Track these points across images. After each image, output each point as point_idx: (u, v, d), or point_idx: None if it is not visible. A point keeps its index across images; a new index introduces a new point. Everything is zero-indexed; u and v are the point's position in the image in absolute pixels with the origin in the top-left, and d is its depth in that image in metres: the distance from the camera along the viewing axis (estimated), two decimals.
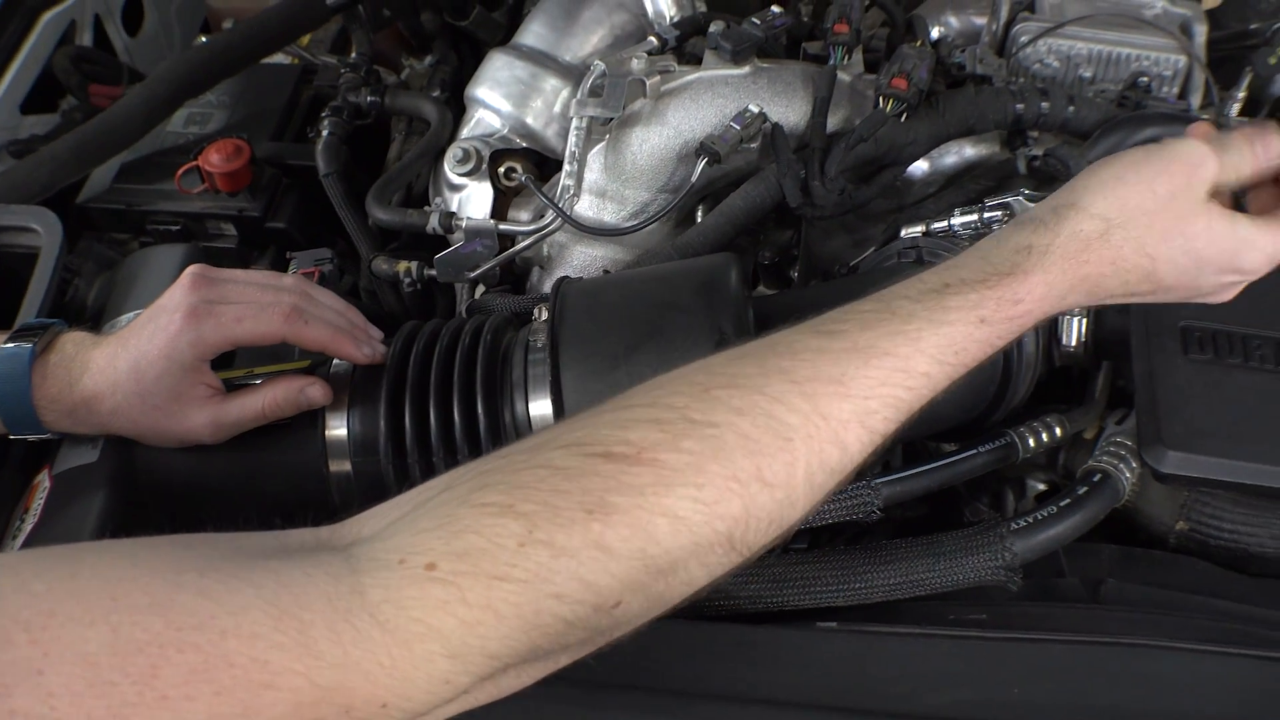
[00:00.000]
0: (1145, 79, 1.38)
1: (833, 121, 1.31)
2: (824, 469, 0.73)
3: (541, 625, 0.65)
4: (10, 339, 1.02)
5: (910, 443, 1.28)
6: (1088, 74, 1.40)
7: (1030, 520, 0.97)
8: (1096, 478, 1.01)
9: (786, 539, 0.76)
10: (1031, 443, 1.05)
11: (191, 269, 1.05)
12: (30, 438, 1.05)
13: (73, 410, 1.02)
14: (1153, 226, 0.85)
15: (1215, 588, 1.05)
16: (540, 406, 1.03)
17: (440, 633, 0.62)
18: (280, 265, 1.47)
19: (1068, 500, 0.99)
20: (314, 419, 1.09)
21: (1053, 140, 1.33)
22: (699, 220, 1.34)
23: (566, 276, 1.14)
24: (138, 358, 1.00)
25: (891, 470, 1.05)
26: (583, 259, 1.35)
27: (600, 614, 0.67)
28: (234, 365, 1.15)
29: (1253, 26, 1.60)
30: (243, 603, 0.60)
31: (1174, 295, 0.90)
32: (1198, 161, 0.87)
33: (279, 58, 1.72)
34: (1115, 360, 1.11)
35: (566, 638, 0.67)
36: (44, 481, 1.09)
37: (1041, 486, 1.22)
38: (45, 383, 1.01)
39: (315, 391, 1.06)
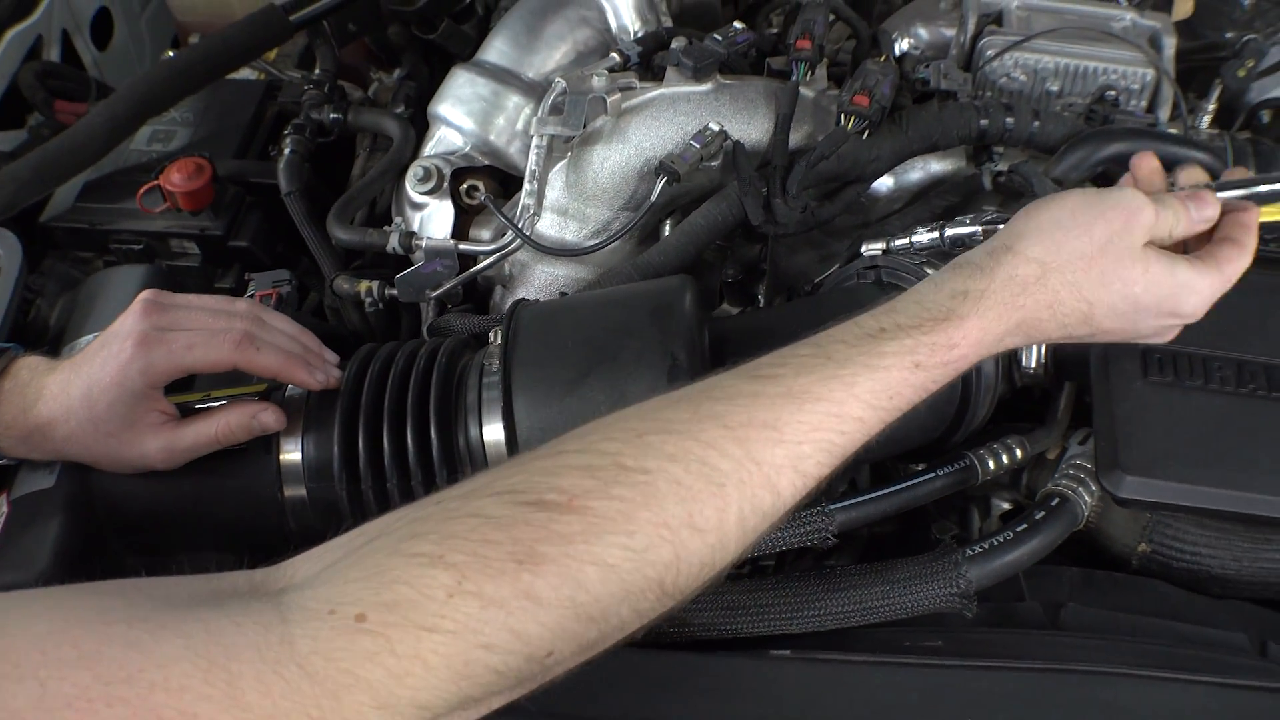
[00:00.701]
0: (1113, 92, 1.37)
1: (796, 138, 1.30)
2: (756, 513, 0.74)
3: (471, 675, 0.64)
4: None
5: (878, 463, 1.27)
6: (1055, 88, 1.39)
7: (986, 546, 0.96)
8: (1054, 502, 1.00)
9: (719, 580, 0.76)
10: (991, 465, 1.04)
11: (143, 295, 1.04)
12: None
13: (28, 436, 1.01)
14: (1090, 271, 0.87)
15: (1177, 610, 1.04)
16: (494, 431, 1.02)
17: (369, 684, 0.61)
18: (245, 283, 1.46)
19: (1024, 525, 0.98)
20: (268, 444, 1.08)
21: (1018, 155, 1.33)
22: (663, 237, 1.33)
23: (522, 299, 1.13)
24: (90, 385, 1.00)
25: (857, 489, 1.04)
26: (544, 278, 1.34)
27: (531, 663, 0.67)
28: (193, 388, 1.14)
29: (1227, 35, 1.60)
30: (171, 654, 0.59)
31: (1111, 337, 0.93)
32: (1136, 208, 0.89)
33: (245, 72, 1.71)
34: (1076, 382, 1.10)
35: (497, 686, 0.66)
36: (1, 506, 1.08)
37: (1006, 505, 1.21)
38: (0, 408, 1.01)
39: (268, 417, 1.05)
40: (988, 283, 0.86)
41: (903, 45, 1.51)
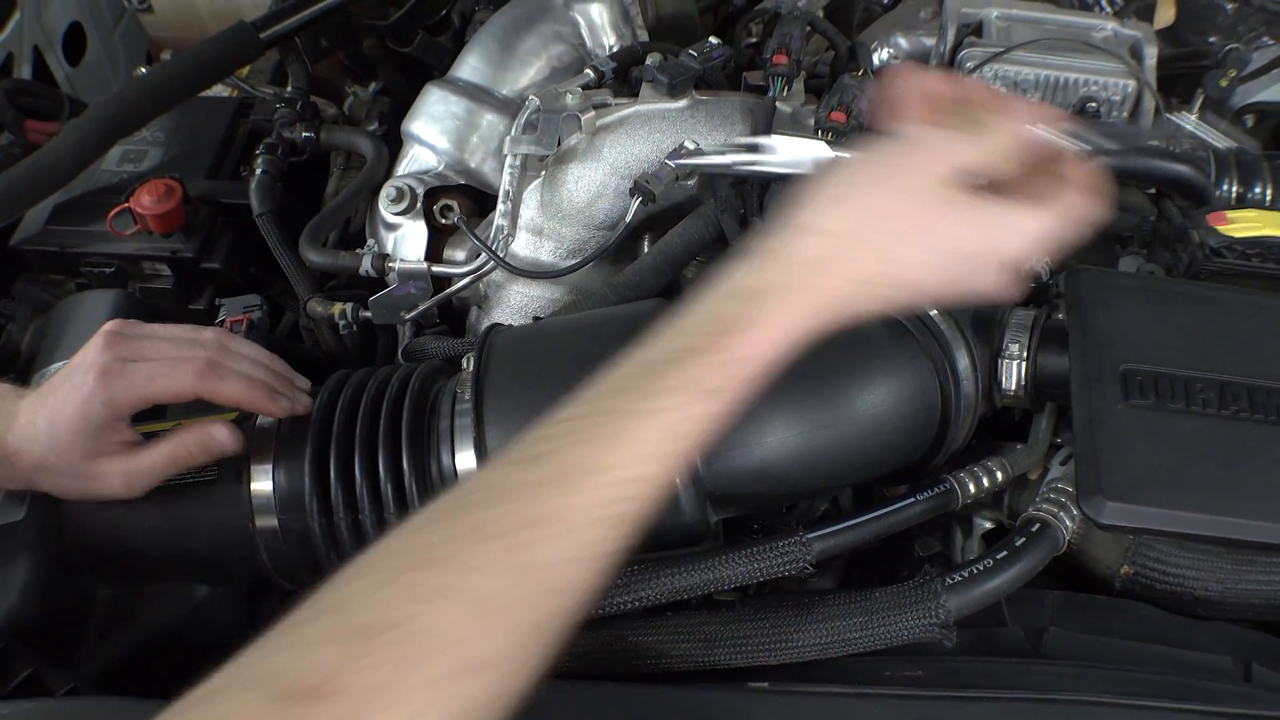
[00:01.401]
0: (1094, 104, 1.36)
1: None
2: (548, 623, 0.67)
3: None
4: None
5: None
6: (1035, 99, 1.38)
7: (965, 575, 0.94)
8: (1035, 528, 0.99)
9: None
10: (971, 488, 1.03)
11: (106, 326, 1.03)
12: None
13: None
14: (890, 230, 0.80)
15: (1160, 633, 1.03)
16: (466, 460, 1.01)
17: None
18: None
19: (1004, 552, 0.96)
20: (239, 474, 1.06)
21: None
22: (640, 257, 1.31)
23: (495, 325, 1.12)
24: (53, 416, 0.98)
25: (840, 509, 1.03)
26: (519, 299, 1.33)
27: None
28: (165, 418, 1.13)
29: (1211, 40, 1.59)
30: None
31: (940, 294, 0.83)
32: (930, 149, 0.81)
33: (218, 90, 1.69)
34: (1058, 403, 1.09)
35: None
36: None
37: (988, 524, 1.20)
38: None
39: (222, 435, 1.03)
40: (779, 272, 0.78)
41: (882, 55, 1.50)
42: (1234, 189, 1.33)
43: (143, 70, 1.73)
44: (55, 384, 1.01)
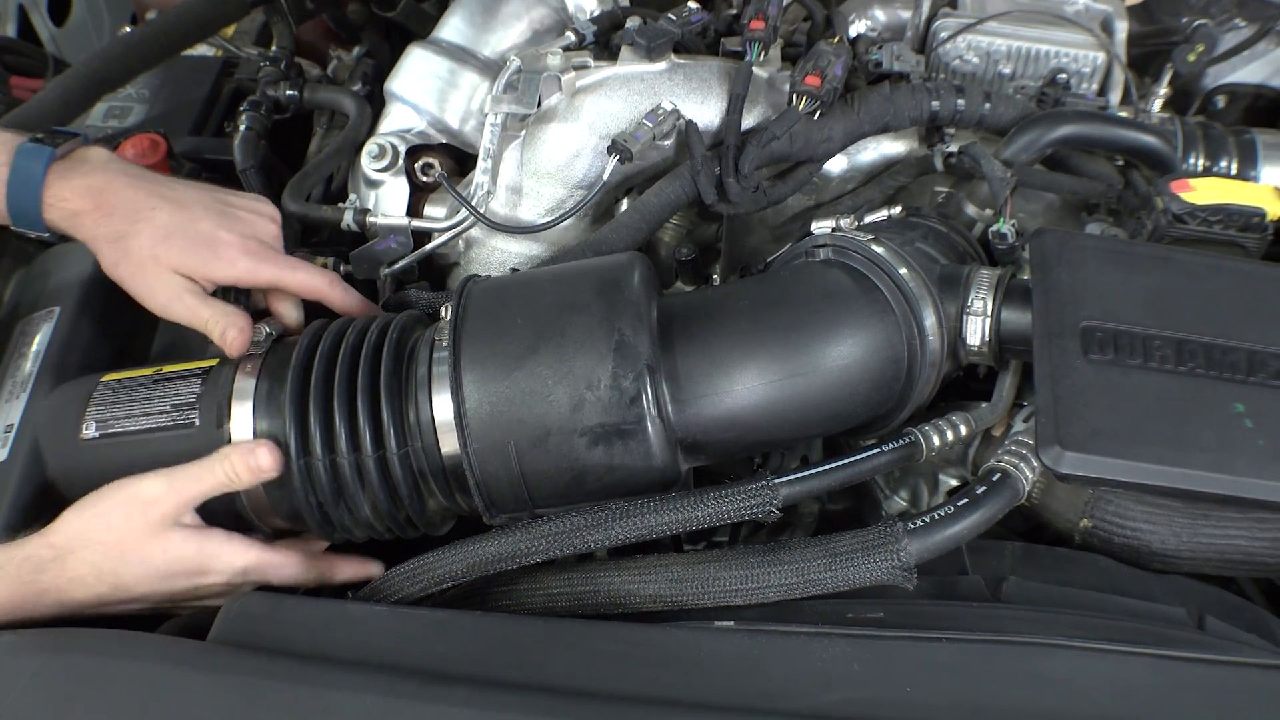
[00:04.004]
0: (1064, 75, 1.39)
1: (750, 118, 1.31)
2: None
3: None
4: (32, 140, 1.14)
5: (831, 439, 1.29)
6: (1007, 70, 1.41)
7: (926, 520, 0.96)
8: (996, 477, 1.01)
9: None
10: (936, 441, 1.05)
11: None
12: (30, 235, 1.15)
13: (75, 214, 1.12)
14: (108, 551, 1.02)
15: (1118, 585, 1.05)
16: (443, 405, 1.03)
17: None
18: None
19: (965, 500, 0.99)
20: (219, 419, 1.08)
21: (970, 137, 1.34)
22: (617, 215, 1.33)
23: (473, 275, 1.14)
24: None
25: (808, 464, 1.05)
26: (498, 255, 1.34)
27: None
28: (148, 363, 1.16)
29: (1184, 20, 1.61)
30: None
31: (155, 598, 1.06)
32: (148, 496, 1.03)
33: (203, 50, 1.71)
34: (1022, 360, 1.12)
35: None
36: None
37: (954, 482, 1.23)
38: (56, 182, 1.11)
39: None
40: (5, 560, 1.01)
41: (859, 27, 1.52)
42: (1200, 162, 1.36)
43: (128, 30, 1.74)
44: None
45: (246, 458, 1.04)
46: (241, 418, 1.08)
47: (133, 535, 1.02)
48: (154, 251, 1.11)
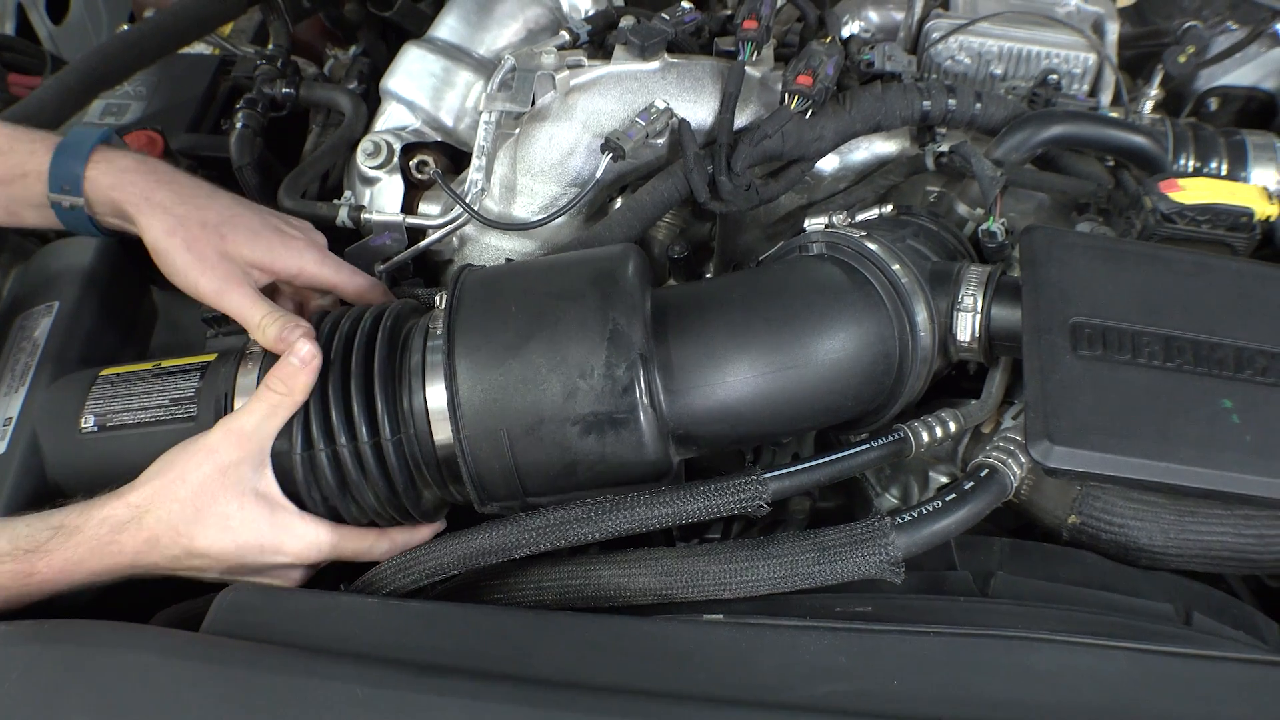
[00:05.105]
0: (1055, 76, 1.39)
1: (742, 117, 1.31)
2: None
3: None
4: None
5: (821, 434, 1.29)
6: (998, 71, 1.41)
7: (914, 515, 0.97)
8: (984, 473, 1.02)
9: None
10: (925, 437, 1.06)
11: None
12: (65, 202, 1.14)
13: (123, 171, 1.14)
14: (184, 510, 1.00)
15: (1105, 580, 1.06)
16: (436, 394, 1.04)
17: None
18: None
19: (953, 495, 0.99)
20: (220, 410, 1.09)
21: (962, 137, 1.34)
22: (610, 213, 1.34)
23: (469, 264, 1.14)
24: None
25: (800, 460, 1.06)
26: (492, 252, 1.35)
27: None
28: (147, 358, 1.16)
29: (1175, 22, 1.62)
30: None
31: (227, 568, 1.04)
32: (212, 442, 1.02)
33: (199, 48, 1.71)
34: (1012, 356, 1.12)
35: None
36: None
37: (944, 479, 1.24)
38: (105, 148, 1.14)
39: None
40: (82, 521, 0.99)
41: (852, 28, 1.53)
42: (1190, 163, 1.36)
43: (125, 27, 1.74)
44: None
45: (283, 365, 1.05)
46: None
47: (207, 490, 1.01)
48: (220, 229, 1.12)
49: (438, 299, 1.10)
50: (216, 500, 1.01)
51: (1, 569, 0.96)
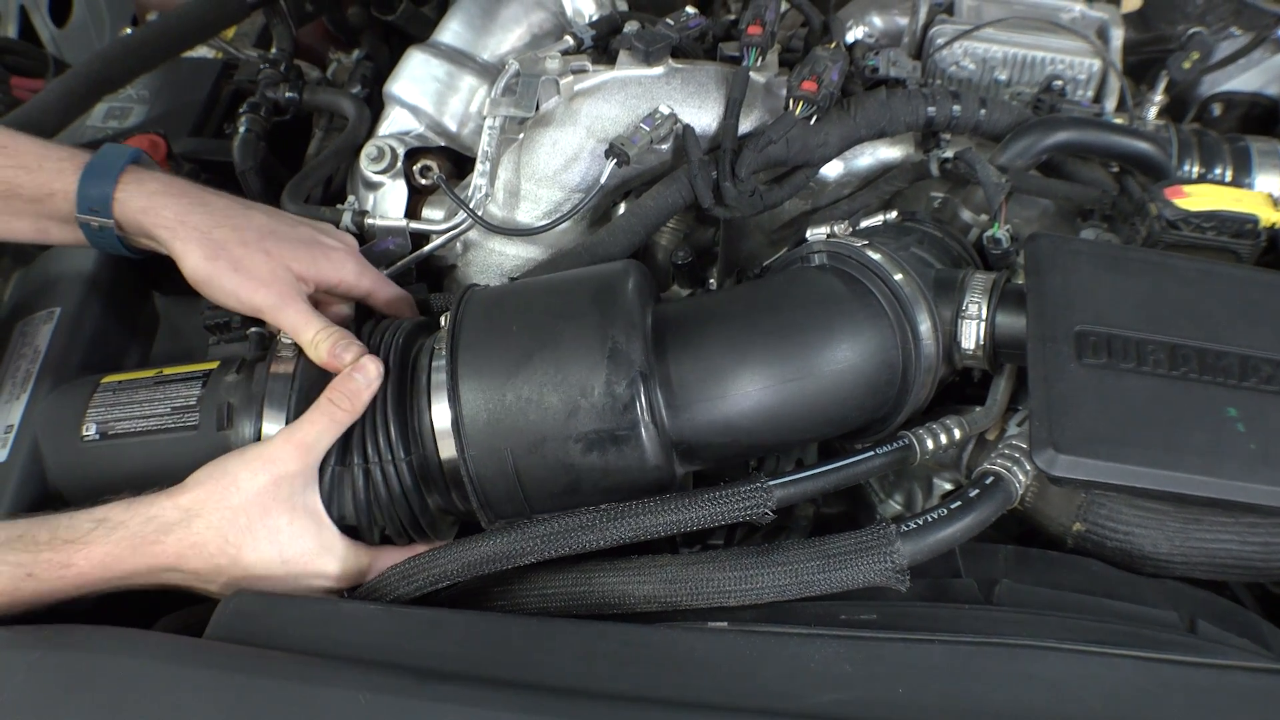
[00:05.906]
0: (1059, 82, 1.39)
1: (746, 123, 1.31)
2: None
3: None
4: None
5: (825, 442, 1.29)
6: (1003, 77, 1.41)
7: (919, 523, 0.97)
8: (989, 480, 1.02)
9: None
10: (930, 444, 1.06)
11: None
12: (94, 223, 1.12)
13: (152, 195, 1.12)
14: (235, 518, 0.99)
15: (1110, 588, 1.06)
16: (441, 413, 1.04)
17: None
18: None
19: (958, 503, 0.99)
20: (220, 422, 1.09)
21: (966, 143, 1.34)
22: (614, 218, 1.34)
23: (473, 285, 1.15)
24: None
25: (803, 467, 1.06)
26: (496, 258, 1.35)
27: None
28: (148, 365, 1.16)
29: (1179, 28, 1.62)
30: None
31: (267, 583, 1.02)
32: (271, 453, 1.00)
33: (203, 51, 1.71)
34: (1017, 364, 1.12)
35: None
36: None
37: (948, 486, 1.23)
38: (136, 169, 1.13)
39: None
40: (127, 517, 0.97)
41: (856, 33, 1.53)
42: (1195, 169, 1.36)
43: (128, 31, 1.74)
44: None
45: (347, 380, 1.04)
46: (246, 424, 1.09)
47: (261, 500, 0.99)
48: (263, 245, 1.11)
49: (442, 319, 1.10)
50: (269, 512, 1.00)
51: (39, 558, 0.95)
